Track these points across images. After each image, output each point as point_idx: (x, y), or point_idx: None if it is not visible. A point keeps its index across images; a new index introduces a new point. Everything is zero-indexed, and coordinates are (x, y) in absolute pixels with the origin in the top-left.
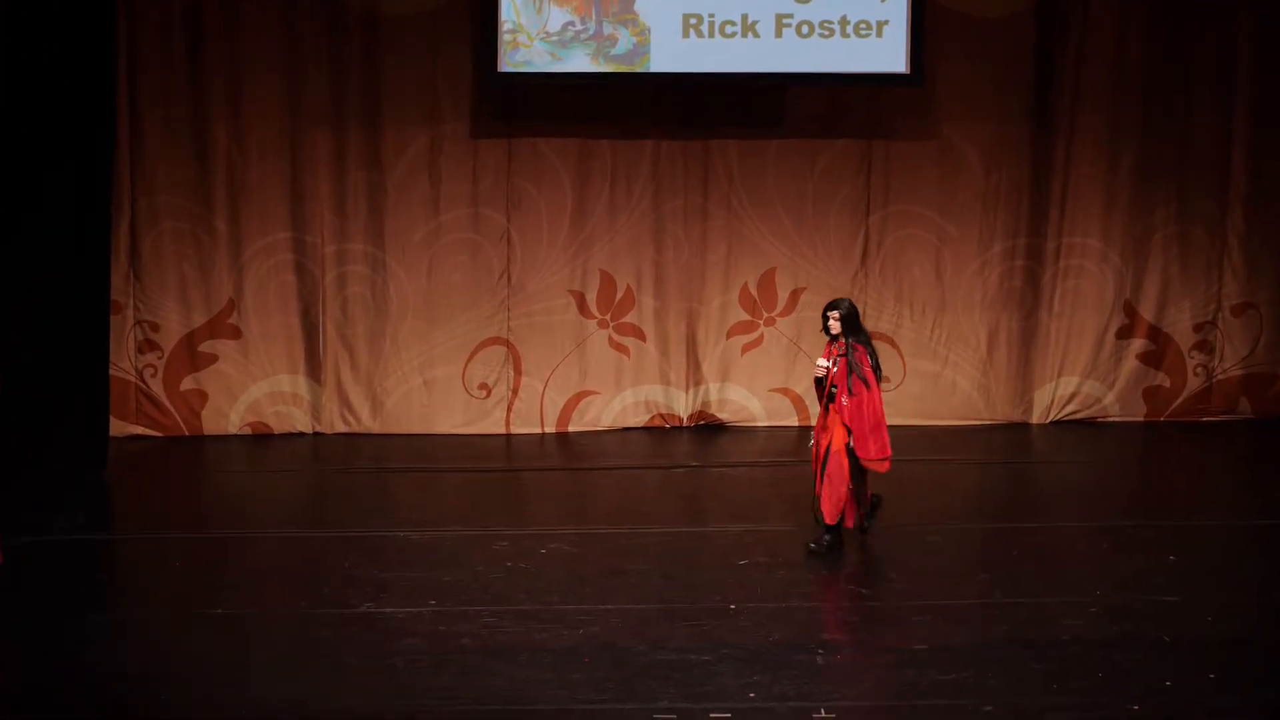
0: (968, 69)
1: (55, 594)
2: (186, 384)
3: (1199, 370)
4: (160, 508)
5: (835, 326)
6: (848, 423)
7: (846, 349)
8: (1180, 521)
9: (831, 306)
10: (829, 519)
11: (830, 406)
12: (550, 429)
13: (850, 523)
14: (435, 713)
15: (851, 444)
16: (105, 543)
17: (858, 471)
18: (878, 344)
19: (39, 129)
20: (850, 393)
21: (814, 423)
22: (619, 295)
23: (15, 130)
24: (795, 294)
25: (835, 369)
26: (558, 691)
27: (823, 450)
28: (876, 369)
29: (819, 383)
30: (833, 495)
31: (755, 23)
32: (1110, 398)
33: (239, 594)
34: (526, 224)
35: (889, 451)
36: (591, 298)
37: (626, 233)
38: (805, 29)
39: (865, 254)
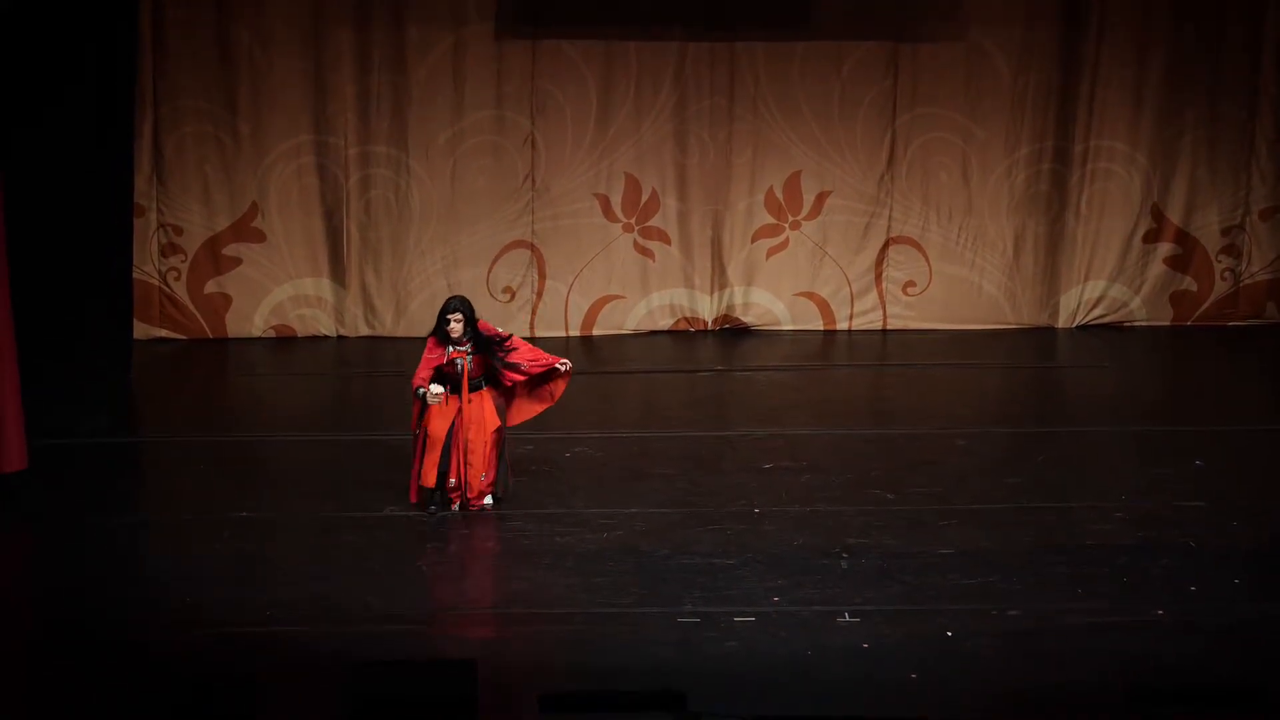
0: None
1: (79, 496)
2: (210, 287)
3: (1226, 274)
4: (184, 411)
5: (457, 329)
6: (554, 393)
7: (477, 345)
8: (1206, 426)
9: (450, 310)
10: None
11: (471, 396)
12: (575, 332)
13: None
14: (458, 615)
15: (507, 421)
16: (129, 445)
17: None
18: (904, 248)
19: (60, 31)
20: (517, 373)
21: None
22: (644, 198)
23: (36, 32)
24: (821, 197)
25: (470, 368)
26: (581, 595)
27: (465, 441)
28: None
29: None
30: (482, 472)
31: None
32: (1136, 302)
33: (263, 497)
34: (551, 127)
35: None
36: (616, 201)
37: (652, 135)
38: None
39: (892, 157)
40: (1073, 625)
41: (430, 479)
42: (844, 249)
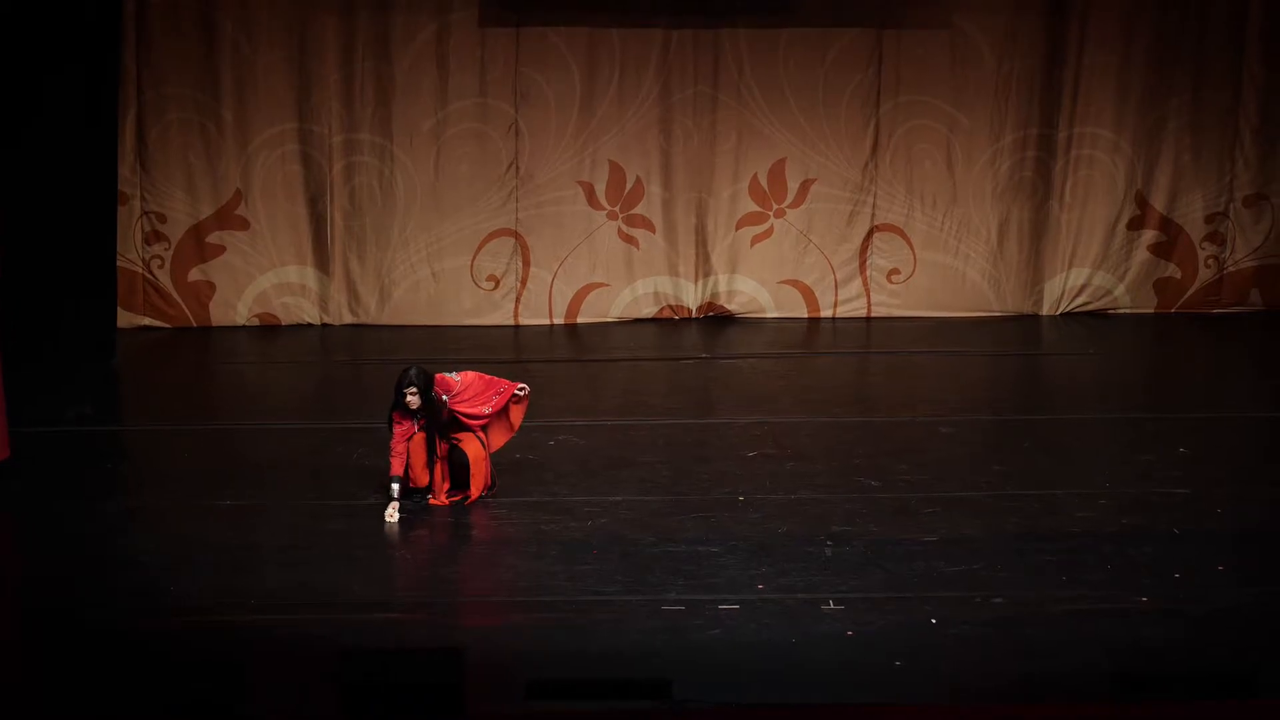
0: None
1: (64, 485)
2: (194, 275)
3: (1210, 262)
4: (168, 399)
5: (414, 402)
6: (513, 424)
7: (431, 418)
8: (1191, 414)
9: (405, 384)
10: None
11: (454, 436)
12: (559, 320)
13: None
14: (442, 603)
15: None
16: (113, 434)
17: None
18: (888, 235)
19: (45, 20)
20: (481, 419)
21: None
22: (628, 186)
23: (21, 21)
24: (805, 185)
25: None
26: (565, 583)
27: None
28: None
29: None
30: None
31: None
32: (1121, 289)
33: (248, 485)
34: (535, 114)
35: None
36: (600, 189)
37: (636, 123)
38: None
39: (876, 145)
40: (1057, 612)
41: (423, 480)
42: (828, 237)
